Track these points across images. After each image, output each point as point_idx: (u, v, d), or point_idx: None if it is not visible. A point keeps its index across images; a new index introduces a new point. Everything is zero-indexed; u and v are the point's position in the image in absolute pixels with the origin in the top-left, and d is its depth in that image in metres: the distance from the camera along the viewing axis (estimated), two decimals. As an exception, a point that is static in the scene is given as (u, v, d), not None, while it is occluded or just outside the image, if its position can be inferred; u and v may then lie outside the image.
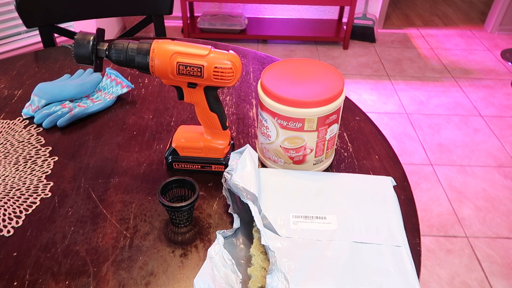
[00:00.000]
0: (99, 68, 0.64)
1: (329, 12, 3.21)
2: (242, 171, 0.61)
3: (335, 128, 0.68)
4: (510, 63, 2.84)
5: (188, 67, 0.60)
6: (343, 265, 0.53)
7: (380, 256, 0.55)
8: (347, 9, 3.14)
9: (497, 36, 3.22)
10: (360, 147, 0.80)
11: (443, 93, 2.51)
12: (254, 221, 0.61)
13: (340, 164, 0.76)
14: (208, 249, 0.55)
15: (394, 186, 0.67)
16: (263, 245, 0.56)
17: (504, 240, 1.61)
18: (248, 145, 0.66)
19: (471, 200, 1.78)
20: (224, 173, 0.63)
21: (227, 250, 0.56)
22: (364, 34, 3.05)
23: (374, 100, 2.42)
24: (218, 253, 0.55)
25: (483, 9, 3.71)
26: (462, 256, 1.55)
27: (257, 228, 0.58)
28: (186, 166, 0.72)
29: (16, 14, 2.09)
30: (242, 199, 0.59)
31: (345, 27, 2.95)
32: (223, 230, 0.59)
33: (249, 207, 0.63)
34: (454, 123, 2.25)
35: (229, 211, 0.63)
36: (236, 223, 0.61)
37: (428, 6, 3.75)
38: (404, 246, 0.56)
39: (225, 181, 0.64)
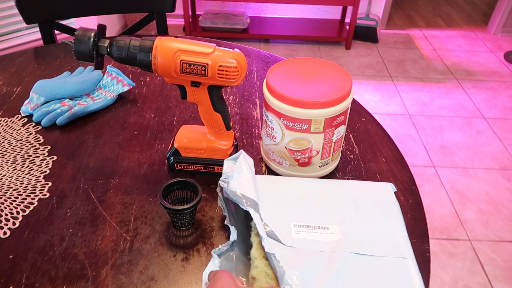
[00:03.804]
0: (100, 66, 0.62)
1: (332, 12, 3.19)
2: (239, 178, 0.57)
3: (342, 130, 0.66)
4: (513, 65, 2.83)
5: (192, 65, 0.59)
6: (349, 278, 0.51)
7: (387, 269, 0.53)
8: (350, 9, 3.12)
9: (500, 37, 3.20)
10: (367, 150, 0.78)
11: (446, 94, 2.49)
12: (251, 228, 0.58)
13: (346, 166, 0.74)
14: (203, 272, 0.50)
15: (397, 192, 0.65)
16: (264, 250, 0.53)
17: (507, 244, 1.59)
18: (242, 150, 0.62)
19: (474, 203, 1.77)
20: (219, 181, 0.58)
21: (225, 267, 0.53)
22: (367, 35, 3.03)
23: (376, 101, 2.41)
24: None
25: (486, 10, 3.69)
26: (465, 259, 1.53)
27: (257, 232, 0.55)
28: (188, 167, 0.71)
29: (16, 11, 2.07)
30: (241, 207, 0.54)
31: (347, 27, 2.93)
32: (218, 247, 0.54)
33: (244, 217, 0.59)
34: (457, 125, 2.23)
35: (226, 223, 0.58)
36: (233, 236, 0.56)
37: (431, 7, 3.74)
38: (410, 257, 0.54)
39: (221, 190, 0.59)
